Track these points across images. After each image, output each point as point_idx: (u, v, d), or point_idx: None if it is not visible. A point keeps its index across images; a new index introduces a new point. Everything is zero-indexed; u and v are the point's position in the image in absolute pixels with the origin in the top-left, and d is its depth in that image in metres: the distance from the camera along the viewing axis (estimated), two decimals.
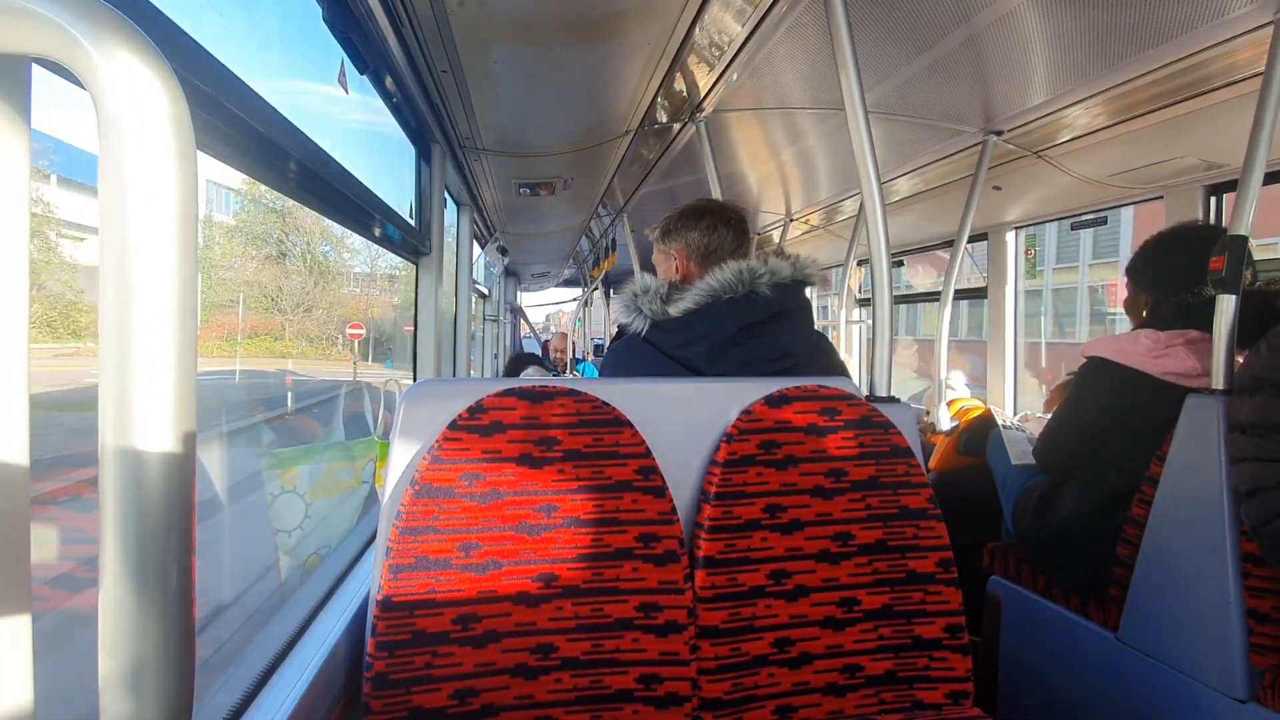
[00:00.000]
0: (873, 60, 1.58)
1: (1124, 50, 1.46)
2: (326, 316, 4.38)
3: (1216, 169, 1.89)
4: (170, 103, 0.33)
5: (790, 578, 1.01)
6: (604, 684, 0.93)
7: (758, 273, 1.22)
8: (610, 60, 1.60)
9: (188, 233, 0.34)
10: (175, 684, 0.35)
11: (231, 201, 2.81)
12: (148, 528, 0.34)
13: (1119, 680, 1.37)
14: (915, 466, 1.07)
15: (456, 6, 1.27)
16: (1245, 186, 1.23)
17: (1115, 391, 1.47)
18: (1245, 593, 1.16)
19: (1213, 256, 1.23)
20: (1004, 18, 1.36)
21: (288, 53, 1.26)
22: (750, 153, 2.53)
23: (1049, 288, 14.75)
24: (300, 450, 1.42)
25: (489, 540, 0.92)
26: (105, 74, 0.32)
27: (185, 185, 0.34)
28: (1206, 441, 1.22)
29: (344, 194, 1.18)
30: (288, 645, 0.96)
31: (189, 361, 0.35)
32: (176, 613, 0.35)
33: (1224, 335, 1.23)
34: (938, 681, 1.03)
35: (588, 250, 5.33)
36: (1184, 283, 1.45)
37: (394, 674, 0.88)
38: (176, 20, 0.61)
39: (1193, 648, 1.23)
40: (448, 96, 1.76)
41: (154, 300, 0.33)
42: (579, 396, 0.98)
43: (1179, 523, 1.28)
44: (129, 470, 0.34)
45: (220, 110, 0.70)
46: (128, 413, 0.33)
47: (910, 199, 2.81)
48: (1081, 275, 14.78)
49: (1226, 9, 1.26)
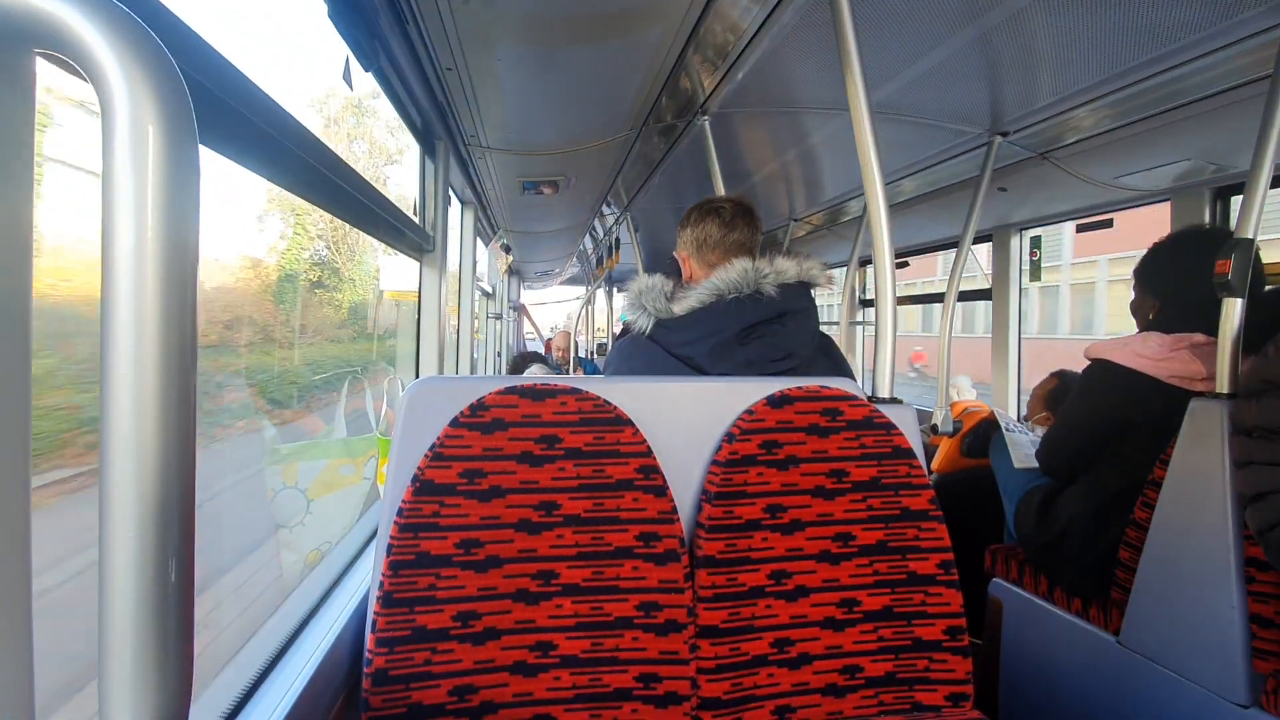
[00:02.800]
0: (878, 60, 1.57)
1: (1131, 52, 1.45)
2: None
3: (1224, 172, 1.88)
4: (173, 97, 0.33)
5: (790, 578, 1.01)
6: (603, 682, 0.93)
7: (763, 273, 1.22)
8: (615, 59, 1.60)
9: (190, 227, 0.34)
10: (174, 680, 0.35)
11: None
12: (148, 524, 0.34)
13: (1120, 684, 1.37)
14: (917, 468, 1.07)
15: (462, 4, 1.27)
16: (1252, 189, 1.23)
17: (1119, 394, 1.47)
18: (1248, 597, 1.16)
19: (1218, 260, 1.23)
20: (1011, 18, 1.35)
21: (293, 49, 1.26)
22: (755, 152, 2.52)
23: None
24: (302, 446, 1.42)
25: (489, 538, 0.92)
26: (108, 68, 0.32)
27: (188, 179, 0.34)
28: (1210, 445, 1.22)
29: (348, 190, 1.19)
30: (289, 640, 0.96)
31: (190, 357, 0.35)
32: (176, 609, 0.35)
33: (1229, 339, 1.22)
34: (938, 683, 1.02)
35: (591, 248, 5.33)
36: (1190, 286, 1.45)
37: (394, 670, 0.88)
38: (180, 16, 0.61)
39: (1195, 652, 1.23)
40: (452, 94, 1.76)
41: (156, 295, 0.33)
42: (580, 395, 0.98)
43: (1182, 526, 1.27)
44: (129, 466, 0.34)
45: (223, 106, 0.70)
46: (128, 408, 0.34)
47: (915, 200, 2.80)
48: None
49: (1234, 11, 1.25)
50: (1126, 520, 1.40)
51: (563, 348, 5.75)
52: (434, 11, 1.29)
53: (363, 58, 1.31)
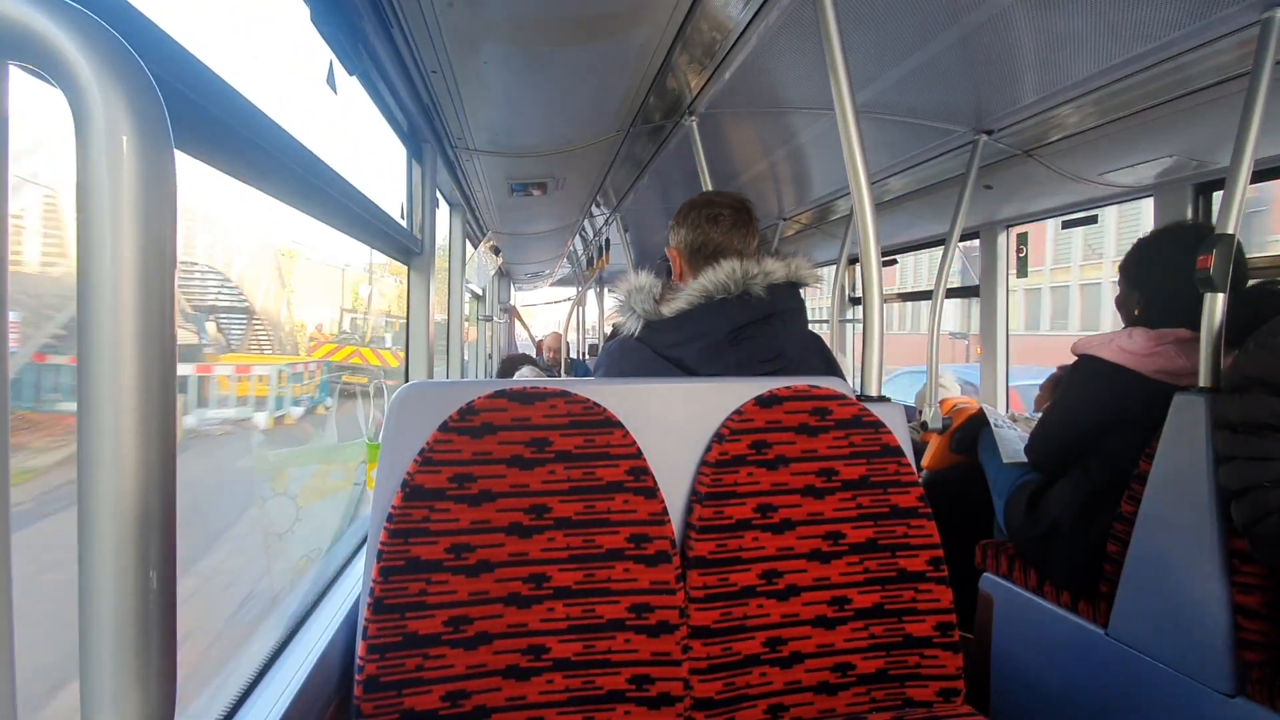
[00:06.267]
0: (864, 60, 1.58)
1: (1113, 50, 1.47)
2: None
3: (1206, 167, 1.90)
4: (147, 104, 0.33)
5: (781, 577, 1.01)
6: (596, 685, 0.93)
7: (751, 273, 1.22)
8: (601, 60, 1.60)
9: (166, 234, 0.34)
10: (157, 688, 0.35)
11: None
12: (127, 530, 0.34)
13: (1109, 676, 1.38)
14: (906, 465, 1.07)
15: (446, 7, 1.26)
16: (1233, 185, 1.24)
17: (1106, 390, 1.48)
18: (1233, 588, 1.17)
19: (1200, 255, 1.24)
20: (994, 18, 1.36)
21: (274, 53, 1.25)
22: (743, 152, 2.53)
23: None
24: (292, 452, 1.42)
25: (480, 542, 0.92)
26: (81, 77, 0.32)
27: (163, 187, 0.34)
28: (1194, 439, 1.23)
29: (333, 196, 1.18)
30: (279, 648, 0.95)
31: (169, 365, 0.35)
32: (158, 615, 0.35)
33: (1211, 334, 1.24)
34: (929, 679, 1.03)
35: (581, 249, 5.32)
36: (1174, 281, 1.46)
37: (385, 677, 0.87)
38: (158, 22, 0.61)
39: (1182, 643, 1.24)
40: (438, 97, 1.75)
41: (133, 302, 0.33)
42: (570, 398, 0.98)
43: (1167, 520, 1.28)
44: (108, 472, 0.33)
45: (202, 112, 0.70)
46: (108, 414, 0.33)
47: (902, 198, 2.82)
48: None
49: (1214, 9, 1.27)
50: (1114, 514, 1.41)
51: (554, 348, 5.74)
52: (418, 14, 1.29)
53: (346, 61, 1.31)
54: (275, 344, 4.58)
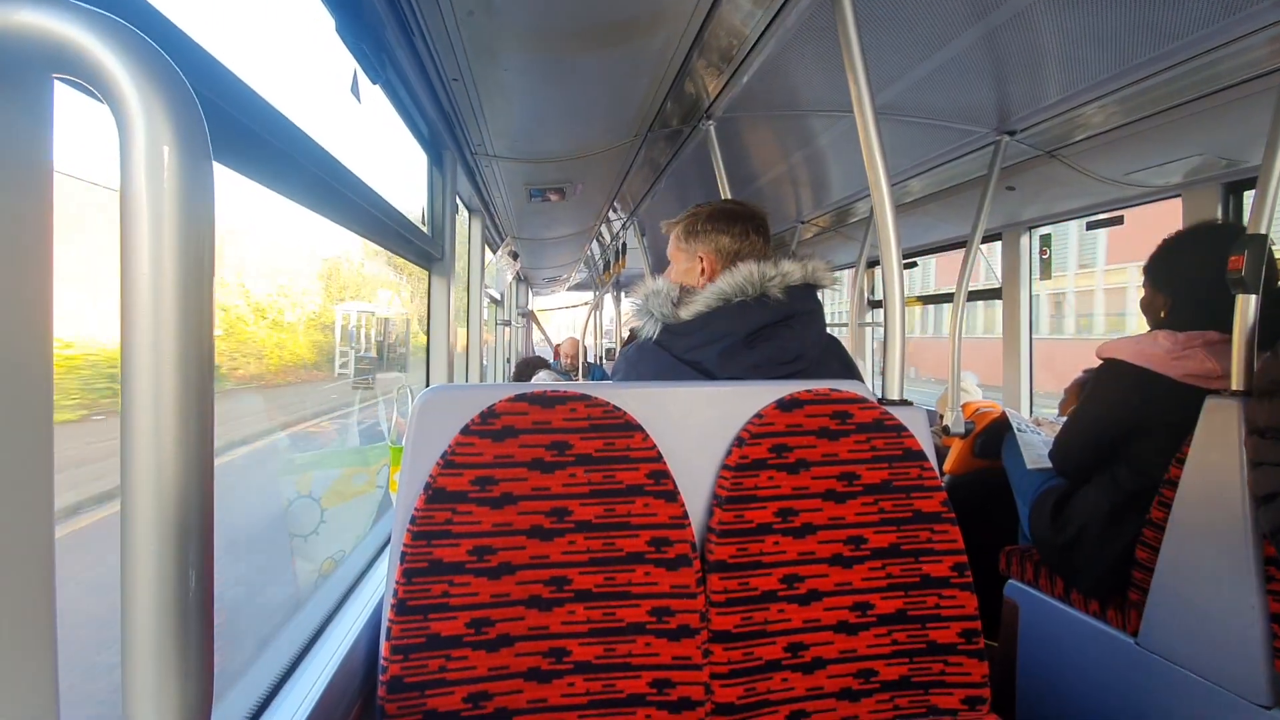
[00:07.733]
0: (884, 61, 1.57)
1: (1138, 48, 1.44)
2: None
3: (1235, 166, 1.86)
4: (188, 117, 0.34)
5: (803, 582, 1.01)
6: (616, 688, 0.93)
7: (769, 276, 1.22)
8: (619, 66, 1.61)
9: (205, 243, 0.35)
10: (195, 686, 0.36)
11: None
12: (168, 531, 0.35)
13: (1139, 686, 1.35)
14: (929, 470, 1.06)
15: (466, 16, 1.28)
16: (1265, 184, 1.22)
17: (1133, 393, 1.46)
18: (1268, 597, 1.14)
19: (1231, 256, 1.22)
20: (1016, 17, 1.35)
21: (301, 63, 1.28)
22: (760, 156, 2.53)
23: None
24: (316, 456, 1.44)
25: (502, 544, 0.93)
26: (125, 91, 0.33)
27: (202, 196, 0.35)
28: (1227, 443, 1.20)
29: (357, 202, 1.20)
30: (305, 648, 0.97)
31: (208, 370, 0.36)
32: (196, 614, 0.36)
33: (1243, 335, 1.21)
34: (953, 687, 1.02)
35: (598, 253, 5.34)
36: (1203, 283, 1.43)
37: (408, 677, 0.88)
38: (192, 35, 0.63)
39: (1215, 653, 1.21)
40: (459, 104, 1.78)
41: (174, 310, 0.34)
42: (590, 401, 0.99)
43: (1199, 526, 1.26)
44: (149, 474, 0.34)
45: (236, 124, 0.72)
46: (148, 421, 0.34)
47: (923, 200, 2.79)
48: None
49: (1243, 5, 1.24)
50: (1143, 520, 1.39)
51: (570, 354, 5.75)
52: (440, 23, 1.31)
53: (370, 70, 1.33)
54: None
